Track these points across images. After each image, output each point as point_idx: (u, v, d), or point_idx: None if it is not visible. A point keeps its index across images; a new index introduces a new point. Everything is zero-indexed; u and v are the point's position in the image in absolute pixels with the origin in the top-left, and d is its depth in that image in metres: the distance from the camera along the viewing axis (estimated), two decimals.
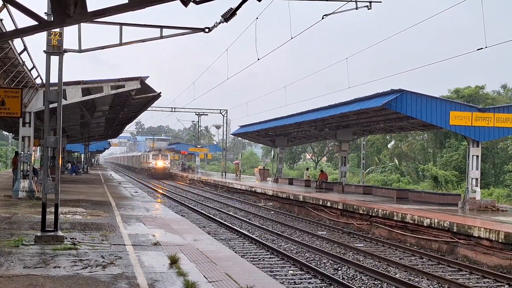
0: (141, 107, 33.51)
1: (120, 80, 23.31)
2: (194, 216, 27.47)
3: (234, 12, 12.39)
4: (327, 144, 79.43)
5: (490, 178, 50.56)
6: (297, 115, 35.40)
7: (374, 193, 32.28)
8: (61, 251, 11.32)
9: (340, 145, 37.44)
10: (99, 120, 41.06)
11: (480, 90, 54.83)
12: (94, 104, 31.01)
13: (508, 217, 20.57)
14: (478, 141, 23.87)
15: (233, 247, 17.59)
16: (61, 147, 12.97)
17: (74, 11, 5.56)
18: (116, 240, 13.16)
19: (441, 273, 14.91)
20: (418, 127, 31.86)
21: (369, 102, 24.63)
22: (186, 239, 14.20)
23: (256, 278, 9.86)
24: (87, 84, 23.17)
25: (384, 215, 21.84)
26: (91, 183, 39.78)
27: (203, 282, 9.14)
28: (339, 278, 13.50)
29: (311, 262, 15.65)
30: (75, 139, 55.56)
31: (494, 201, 25.35)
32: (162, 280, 9.15)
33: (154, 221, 17.89)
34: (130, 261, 10.60)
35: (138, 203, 24.54)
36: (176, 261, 10.49)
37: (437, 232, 18.72)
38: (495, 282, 14.07)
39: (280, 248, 17.72)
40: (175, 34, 14.39)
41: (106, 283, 8.76)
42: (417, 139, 64.01)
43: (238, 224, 24.59)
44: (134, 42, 14.52)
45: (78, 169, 56.53)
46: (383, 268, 15.31)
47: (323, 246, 18.96)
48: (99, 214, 18.74)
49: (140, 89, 24.20)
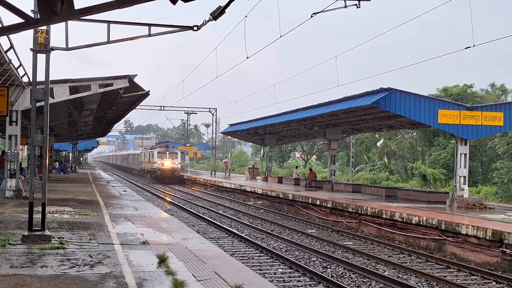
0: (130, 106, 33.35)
1: (108, 79, 23.17)
2: (183, 214, 27.41)
3: (222, 10, 12.36)
4: (317, 143, 79.56)
5: (478, 176, 50.85)
6: (287, 114, 35.40)
7: (363, 191, 32.37)
8: (48, 250, 11.24)
9: (330, 143, 37.50)
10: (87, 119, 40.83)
11: (469, 89, 55.11)
12: (82, 102, 30.83)
13: (495, 215, 20.69)
14: (466, 139, 23.99)
15: (222, 246, 17.55)
16: (48, 146, 12.87)
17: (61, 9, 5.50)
18: (104, 239, 13.08)
19: (430, 270, 14.96)
20: (406, 125, 31.97)
21: (358, 101, 24.66)
22: (175, 238, 14.15)
23: (245, 276, 9.84)
24: (74, 83, 23.01)
25: (373, 213, 21.89)
26: (79, 182, 39.57)
27: (191, 281, 9.11)
28: (328, 276, 13.51)
29: (300, 260, 15.65)
30: (63, 138, 55.22)
31: (481, 199, 25.51)
32: (151, 279, 9.10)
33: (142, 220, 17.81)
34: (118, 260, 10.54)
35: (127, 202, 24.44)
36: (165, 260, 10.44)
37: (426, 229, 18.79)
38: (482, 279, 14.14)
39: (269, 247, 17.70)
40: (163, 32, 14.34)
41: (94, 282, 8.70)
42: (406, 138, 64.29)
43: (227, 222, 24.56)
44: (122, 40, 14.45)
45: (66, 168, 56.20)
46: (372, 266, 15.35)
47: (312, 244, 18.97)
48: (87, 213, 18.63)
49: (128, 88, 24.08)
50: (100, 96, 27.80)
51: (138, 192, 39.02)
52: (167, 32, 14.30)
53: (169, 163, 59.94)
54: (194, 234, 15.97)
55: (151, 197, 38.22)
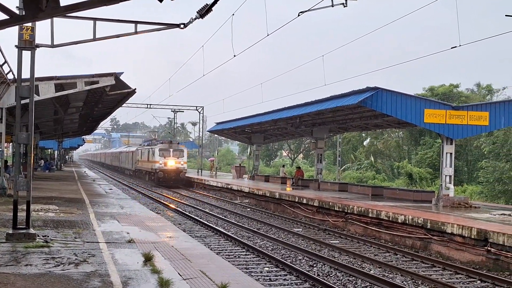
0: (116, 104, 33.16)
1: (94, 76, 23.01)
2: (169, 213, 27.32)
3: (209, 8, 12.32)
4: (304, 142, 79.71)
5: (464, 175, 51.19)
6: (274, 112, 35.39)
7: (350, 190, 32.45)
8: (33, 248, 11.16)
9: (316, 142, 37.55)
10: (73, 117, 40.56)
11: (455, 89, 55.45)
12: (68, 100, 30.62)
13: (480, 214, 20.83)
14: (452, 138, 24.13)
15: (209, 244, 17.52)
16: (33, 143, 12.77)
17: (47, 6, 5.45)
18: (89, 237, 13.01)
19: (415, 269, 15.03)
20: (393, 124, 32.09)
21: (344, 100, 24.71)
22: (161, 236, 14.11)
23: (231, 275, 9.82)
24: (60, 80, 22.82)
25: (360, 212, 21.95)
26: (64, 180, 39.34)
27: (177, 279, 9.08)
28: (314, 275, 13.52)
29: (287, 259, 15.66)
30: (49, 135, 54.83)
31: (467, 198, 25.67)
32: (136, 277, 9.06)
33: (128, 218, 17.74)
34: (103, 258, 10.48)
35: (112, 200, 24.32)
36: (151, 258, 10.40)
37: (411, 228, 18.88)
38: (467, 278, 14.22)
39: (255, 245, 17.70)
40: (150, 29, 14.26)
41: (78, 281, 8.64)
42: (392, 137, 64.57)
43: (214, 221, 24.52)
44: (108, 38, 14.35)
45: (51, 166, 55.85)
46: (358, 264, 15.39)
47: (298, 243, 18.98)
48: (72, 211, 18.52)
49: (114, 85, 23.92)
50: (86, 93, 27.63)
51: (124, 191, 38.84)
52: (153, 29, 14.23)
53: (173, 162, 50.05)
54: (180, 232, 15.94)
55: (137, 195, 38.05)
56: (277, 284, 12.77)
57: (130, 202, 25.03)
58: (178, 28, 13.87)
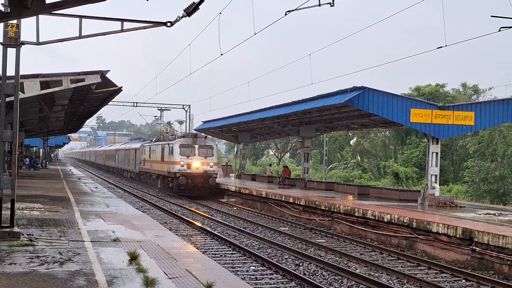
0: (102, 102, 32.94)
1: (80, 74, 22.81)
2: (156, 212, 27.22)
3: (196, 6, 12.27)
4: (290, 141, 79.78)
5: (449, 175, 51.50)
6: (260, 111, 35.38)
7: (336, 189, 32.52)
8: (17, 247, 11.07)
9: (303, 141, 37.57)
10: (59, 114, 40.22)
11: (441, 88, 55.74)
12: (53, 98, 30.36)
13: (466, 213, 20.97)
14: (438, 138, 24.26)
15: (195, 243, 17.49)
16: (18, 141, 12.66)
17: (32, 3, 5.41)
18: (74, 236, 12.93)
19: (400, 268, 15.10)
20: (379, 124, 32.19)
21: (331, 99, 24.76)
22: (147, 235, 14.05)
23: (217, 274, 9.80)
24: (45, 78, 22.61)
25: (346, 211, 22.01)
26: (49, 178, 39.08)
27: (163, 278, 9.05)
28: (300, 274, 13.54)
29: (273, 258, 15.67)
30: (34, 133, 54.37)
31: (452, 197, 25.84)
32: (121, 276, 9.01)
33: (114, 217, 17.65)
34: (88, 257, 10.42)
35: (98, 199, 24.20)
36: (136, 257, 10.36)
37: (397, 227, 18.96)
38: (452, 277, 14.31)
39: (242, 244, 17.69)
40: (136, 27, 14.17)
41: (63, 280, 8.58)
42: (378, 136, 64.79)
43: (200, 220, 24.47)
44: (94, 35, 14.24)
45: (37, 164, 55.47)
46: (344, 263, 15.43)
47: (285, 242, 19.00)
48: (57, 210, 18.40)
49: (100, 83, 23.74)
50: (72, 91, 27.39)
51: (110, 189, 38.65)
52: (140, 27, 14.14)
53: (199, 163, 37.14)
54: (166, 231, 15.88)
55: (123, 194, 37.87)
56: (263, 283, 12.77)
57: (116, 200, 24.90)
58: (165, 26, 13.79)
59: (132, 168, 56.02)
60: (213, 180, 37.14)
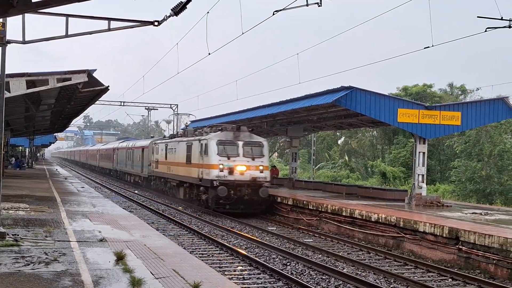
0: (89, 101, 32.75)
1: (66, 73, 22.66)
2: (143, 212, 27.09)
3: (184, 6, 12.22)
4: (278, 140, 79.81)
5: (436, 174, 51.73)
6: (248, 111, 35.34)
7: (324, 189, 32.57)
8: (2, 247, 10.98)
9: (291, 141, 37.61)
10: (45, 114, 39.93)
11: (428, 89, 55.98)
12: (40, 97, 30.12)
13: (452, 213, 21.07)
14: (425, 138, 24.37)
15: (182, 243, 17.42)
16: (4, 141, 12.54)
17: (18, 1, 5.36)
18: (60, 236, 12.84)
19: (388, 267, 15.14)
20: (367, 124, 32.28)
21: (319, 99, 24.77)
22: (134, 235, 13.98)
23: (204, 274, 9.77)
24: (32, 77, 22.44)
25: (333, 211, 22.04)
26: (35, 178, 38.83)
27: (149, 278, 9.00)
28: (288, 273, 13.53)
29: (260, 258, 15.65)
30: (20, 132, 53.92)
31: (439, 197, 25.96)
32: (108, 276, 8.96)
33: (100, 217, 17.55)
34: (74, 257, 10.35)
35: (85, 199, 24.06)
36: (123, 257, 10.30)
37: (384, 227, 19.01)
38: (439, 276, 14.38)
39: (229, 244, 17.65)
40: (123, 26, 14.08)
41: (49, 280, 8.52)
42: (366, 136, 64.98)
43: (187, 220, 24.40)
44: (81, 34, 14.15)
45: (22, 164, 55.07)
46: (331, 263, 15.45)
47: (272, 241, 18.99)
48: (43, 209, 18.27)
49: (87, 82, 23.60)
50: (58, 90, 27.20)
51: (96, 189, 38.44)
52: (127, 26, 14.06)
53: (244, 167, 26.82)
54: (153, 231, 15.82)
55: (110, 193, 37.68)
56: (251, 283, 12.75)
57: (103, 200, 24.77)
58: (152, 25, 13.72)
59: (137, 171, 45.98)
60: (265, 192, 26.33)
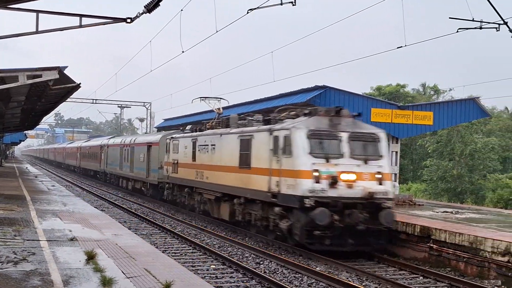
0: (60, 98, 32.31)
1: (37, 70, 22.28)
2: (115, 210, 26.81)
3: (157, 3, 12.11)
4: None
5: (409, 174, 52.31)
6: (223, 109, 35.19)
7: None
8: None
9: None
10: (15, 111, 39.29)
11: (401, 88, 56.49)
12: (9, 94, 29.63)
13: (424, 211, 21.28)
14: (398, 137, 24.58)
15: (154, 242, 17.27)
16: None
17: None
18: (30, 235, 12.63)
19: (360, 266, 15.21)
20: None
21: (294, 98, 24.80)
22: (105, 234, 13.82)
23: (176, 273, 9.68)
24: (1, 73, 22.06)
25: None
26: (5, 176, 38.20)
27: (121, 278, 8.89)
28: (261, 272, 13.51)
29: (233, 257, 15.59)
30: None
31: (411, 196, 26.21)
32: (78, 276, 8.82)
33: (71, 216, 17.33)
34: (44, 257, 10.18)
35: (55, 198, 23.74)
36: (93, 257, 10.15)
37: None
38: (410, 274, 14.50)
39: (202, 243, 17.57)
40: (95, 23, 13.91)
41: (17, 280, 8.36)
42: None
43: (160, 218, 24.22)
44: (52, 31, 13.95)
45: None
46: (304, 262, 15.45)
47: (245, 240, 18.94)
48: (12, 208, 17.96)
49: (58, 80, 23.23)
50: (29, 87, 26.75)
51: (67, 187, 37.96)
52: (99, 23, 13.88)
53: (353, 175, 16.01)
54: (125, 230, 15.68)
55: (81, 192, 37.24)
56: (224, 282, 12.69)
57: (74, 199, 24.47)
58: (125, 22, 13.58)
59: (139, 176, 35.51)
60: (388, 216, 16.07)
